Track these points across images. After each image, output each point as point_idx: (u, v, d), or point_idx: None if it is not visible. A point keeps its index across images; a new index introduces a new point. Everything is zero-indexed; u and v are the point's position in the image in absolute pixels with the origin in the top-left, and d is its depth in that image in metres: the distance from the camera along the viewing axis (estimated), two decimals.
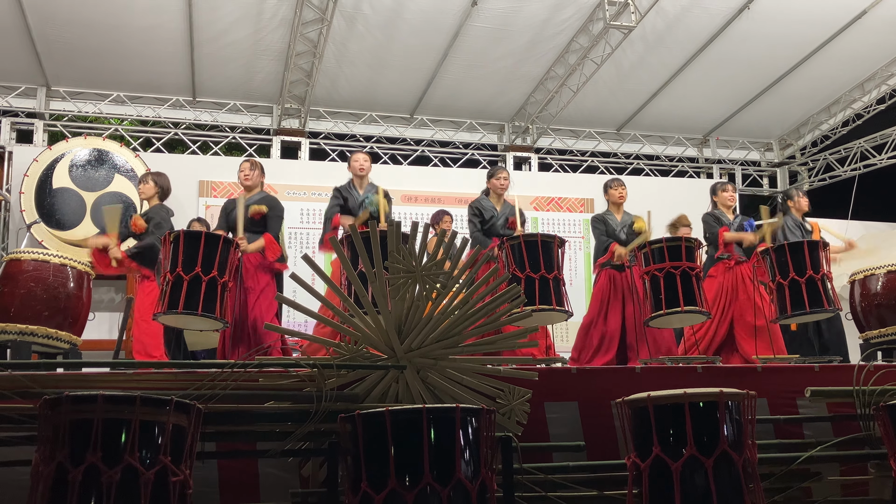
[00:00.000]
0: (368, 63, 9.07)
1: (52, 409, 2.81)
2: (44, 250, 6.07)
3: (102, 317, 7.76)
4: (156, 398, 2.86)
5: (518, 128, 10.55)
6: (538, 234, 5.72)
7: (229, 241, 5.16)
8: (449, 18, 8.37)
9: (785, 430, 4.23)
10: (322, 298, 3.92)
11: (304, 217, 9.27)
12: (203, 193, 9.11)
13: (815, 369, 4.64)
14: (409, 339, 3.68)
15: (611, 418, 3.88)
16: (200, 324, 5.14)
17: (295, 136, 9.93)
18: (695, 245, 5.62)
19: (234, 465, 3.70)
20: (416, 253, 3.68)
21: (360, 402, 3.57)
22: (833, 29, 8.82)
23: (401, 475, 2.86)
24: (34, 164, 8.56)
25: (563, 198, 10.16)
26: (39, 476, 2.76)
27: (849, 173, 10.89)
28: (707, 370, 4.57)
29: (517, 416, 3.62)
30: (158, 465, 2.77)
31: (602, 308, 6.41)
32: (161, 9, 8.01)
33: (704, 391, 3.27)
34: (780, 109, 10.59)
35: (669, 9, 8.31)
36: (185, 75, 9.19)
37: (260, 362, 3.71)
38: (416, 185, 9.79)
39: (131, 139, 9.61)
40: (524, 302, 4.13)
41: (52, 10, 7.93)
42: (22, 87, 9.21)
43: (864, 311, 6.44)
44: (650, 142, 11.18)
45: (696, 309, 5.43)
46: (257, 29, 8.39)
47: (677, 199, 8.69)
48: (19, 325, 5.41)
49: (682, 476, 3.14)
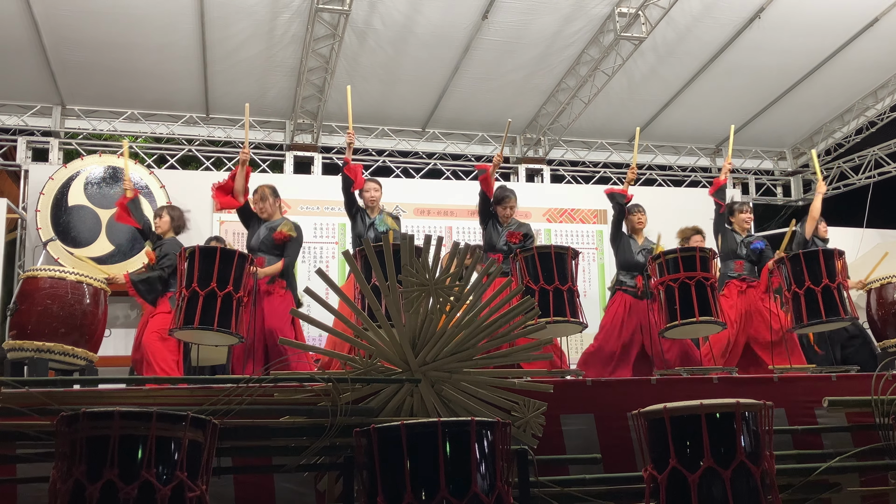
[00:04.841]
0: (380, 78, 9.11)
1: (69, 426, 2.82)
2: (60, 267, 6.13)
3: (118, 333, 7.79)
4: (172, 414, 2.87)
5: (530, 140, 10.56)
6: (551, 246, 5.71)
7: (244, 257, 5.19)
8: (459, 32, 8.40)
9: (803, 441, 4.20)
10: (336, 312, 3.93)
11: (318, 231, 9.28)
12: (217, 209, 9.14)
13: (833, 379, 4.61)
14: (424, 353, 3.68)
15: (627, 430, 3.87)
16: (216, 339, 5.16)
17: (308, 151, 9.97)
18: (709, 255, 5.60)
19: (249, 481, 3.71)
20: (429, 266, 3.69)
21: (375, 416, 3.57)
22: (845, 37, 8.79)
23: (416, 489, 2.85)
24: (50, 182, 8.63)
25: (575, 209, 10.14)
26: (57, 493, 2.77)
27: (863, 181, 10.82)
28: (723, 381, 4.55)
29: (533, 428, 3.61)
30: (175, 480, 2.78)
31: (613, 334, 6.35)
32: (174, 27, 8.08)
33: (721, 402, 3.25)
34: (793, 118, 10.55)
35: (680, 19, 8.31)
36: (198, 92, 9.26)
37: (275, 377, 3.71)
38: (429, 198, 9.80)
39: (146, 156, 9.67)
40: (538, 314, 4.12)
41: (66, 30, 8.01)
42: (37, 106, 9.30)
43: (881, 319, 6.41)
44: (662, 152, 11.15)
45: (711, 319, 5.40)
46: (269, 45, 8.45)
47: (690, 209, 8.66)
48: (36, 342, 5.45)
49: (699, 488, 3.12)
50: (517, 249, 5.84)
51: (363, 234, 6.33)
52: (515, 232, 6.41)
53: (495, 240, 6.42)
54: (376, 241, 6.19)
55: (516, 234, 6.39)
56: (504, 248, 6.35)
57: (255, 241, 6.11)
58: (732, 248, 6.55)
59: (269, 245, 6.04)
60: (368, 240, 5.86)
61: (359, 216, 6.44)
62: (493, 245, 6.42)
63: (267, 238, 6.06)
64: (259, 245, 6.07)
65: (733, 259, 6.54)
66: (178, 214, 6.51)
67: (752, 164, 11.52)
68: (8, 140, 9.30)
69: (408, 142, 10.40)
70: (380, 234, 6.25)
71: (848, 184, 11.08)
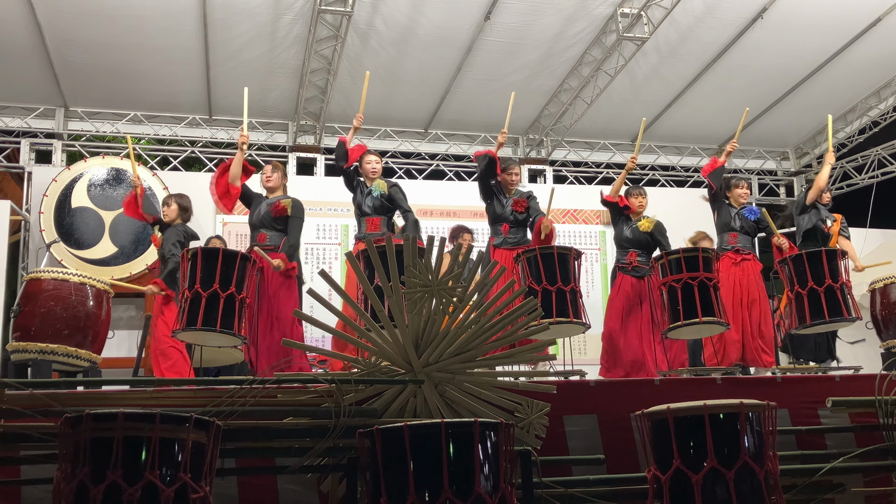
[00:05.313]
0: (382, 79, 9.10)
1: (72, 428, 2.83)
2: (63, 269, 6.13)
3: (121, 335, 7.80)
4: (175, 415, 2.88)
5: (532, 140, 10.55)
6: (554, 247, 5.71)
7: (246, 258, 5.19)
8: (462, 33, 8.40)
9: (807, 441, 4.20)
10: (339, 314, 3.93)
11: (321, 232, 9.29)
12: (219, 208, 9.14)
13: (836, 379, 4.60)
14: (427, 354, 3.68)
15: (630, 431, 3.86)
16: (219, 340, 5.16)
17: (310, 152, 9.97)
18: (712, 255, 5.59)
19: (253, 482, 3.71)
20: (432, 267, 3.69)
21: (378, 418, 3.57)
22: (848, 37, 8.78)
23: (420, 490, 2.85)
24: (53, 183, 8.64)
25: (578, 210, 10.13)
26: (61, 494, 2.78)
27: (866, 181, 10.80)
28: (726, 381, 4.55)
29: (536, 429, 3.61)
30: (178, 482, 2.78)
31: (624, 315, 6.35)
32: (177, 29, 8.08)
33: (724, 403, 3.25)
34: (796, 118, 10.54)
35: (682, 20, 8.30)
36: (201, 94, 9.27)
37: (278, 378, 3.72)
38: (432, 199, 9.80)
39: (148, 158, 9.69)
40: (541, 315, 4.12)
41: (69, 32, 8.02)
42: (41, 108, 9.31)
43: (884, 319, 6.39)
44: (665, 152, 11.14)
45: (714, 320, 5.40)
46: (272, 47, 8.45)
47: (694, 210, 8.65)
48: (40, 343, 5.46)
49: (703, 489, 3.11)
50: (521, 252, 5.84)
51: (362, 204, 6.34)
52: (520, 199, 6.45)
53: (500, 210, 6.47)
54: (373, 208, 6.28)
55: (521, 202, 6.44)
56: (510, 217, 6.42)
57: (255, 217, 6.09)
58: (727, 222, 6.49)
59: (269, 220, 6.01)
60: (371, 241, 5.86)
61: (358, 188, 6.44)
62: (497, 216, 6.49)
63: (267, 213, 6.04)
64: (259, 221, 6.05)
65: (727, 232, 6.46)
66: (185, 202, 6.47)
67: (754, 164, 11.51)
68: (11, 142, 9.31)
69: (410, 143, 10.41)
70: (375, 200, 6.27)
71: (851, 184, 11.06)
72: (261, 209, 6.09)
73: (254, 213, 6.15)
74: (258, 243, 5.90)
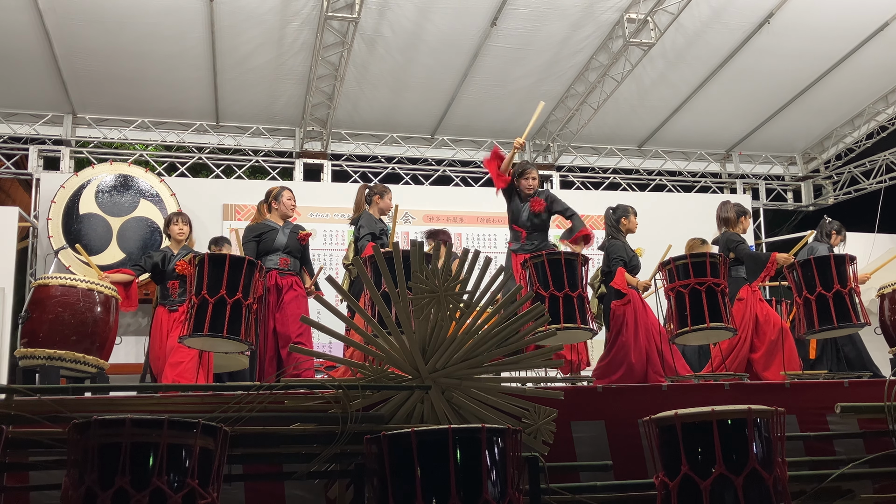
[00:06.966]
0: (389, 85, 9.13)
1: (80, 434, 2.83)
2: (71, 275, 6.15)
3: (129, 340, 7.82)
4: (183, 421, 2.88)
5: (539, 146, 10.56)
6: (561, 252, 5.71)
7: (253, 264, 5.19)
8: (468, 39, 8.42)
9: (815, 448, 4.18)
10: (346, 320, 3.93)
11: (327, 239, 9.30)
12: (227, 217, 9.18)
13: (845, 385, 4.58)
14: (434, 360, 3.67)
15: (638, 437, 3.85)
16: (226, 346, 5.17)
17: (317, 158, 10.00)
18: (719, 261, 5.58)
19: (260, 488, 3.71)
20: (438, 273, 3.69)
21: (385, 423, 3.56)
22: (855, 42, 8.77)
23: (427, 496, 2.85)
24: (61, 190, 8.67)
25: (585, 215, 10.04)
26: (69, 500, 2.78)
27: (874, 186, 10.77)
28: (734, 387, 4.53)
29: (543, 435, 3.60)
30: (186, 488, 2.78)
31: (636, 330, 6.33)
32: (184, 36, 8.12)
33: (733, 408, 3.24)
34: (803, 123, 10.52)
35: (689, 25, 8.30)
36: (208, 100, 9.30)
37: (285, 384, 3.71)
38: (438, 204, 9.81)
39: (156, 164, 9.72)
40: (548, 321, 4.12)
41: (77, 39, 8.06)
42: (49, 115, 9.35)
43: (893, 324, 6.36)
44: (672, 158, 11.14)
45: (722, 325, 5.38)
46: (279, 54, 8.48)
47: (700, 215, 8.64)
48: (47, 349, 5.47)
49: (711, 495, 3.10)
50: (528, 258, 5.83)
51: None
52: (538, 199, 6.51)
53: (518, 215, 6.54)
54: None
55: (539, 202, 6.48)
56: (528, 223, 6.46)
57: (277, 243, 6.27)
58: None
59: (297, 247, 6.32)
60: (378, 248, 5.87)
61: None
62: (515, 220, 6.55)
63: (295, 241, 6.32)
64: (284, 246, 6.28)
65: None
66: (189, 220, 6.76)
67: (762, 169, 11.49)
68: (20, 149, 9.36)
69: (417, 149, 10.42)
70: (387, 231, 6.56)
71: (859, 188, 11.03)
72: (285, 235, 6.28)
73: (273, 237, 6.29)
74: (280, 267, 6.17)
